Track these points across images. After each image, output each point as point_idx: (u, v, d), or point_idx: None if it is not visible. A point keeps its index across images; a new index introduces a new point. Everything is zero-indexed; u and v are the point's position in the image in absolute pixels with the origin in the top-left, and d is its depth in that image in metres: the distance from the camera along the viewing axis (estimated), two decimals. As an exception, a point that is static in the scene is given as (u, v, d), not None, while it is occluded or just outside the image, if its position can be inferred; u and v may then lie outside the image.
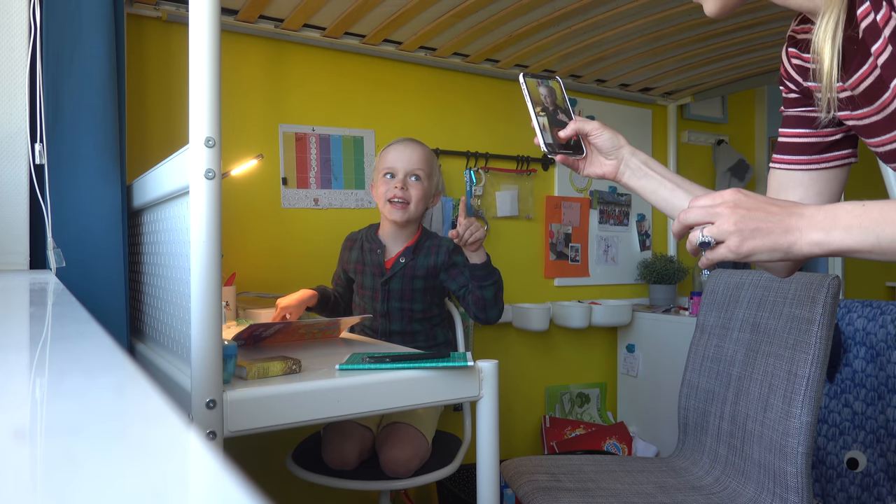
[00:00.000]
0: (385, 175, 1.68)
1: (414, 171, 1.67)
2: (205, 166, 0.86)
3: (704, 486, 1.41)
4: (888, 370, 1.81)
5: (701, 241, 0.75)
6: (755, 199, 0.74)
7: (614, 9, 1.88)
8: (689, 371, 1.60)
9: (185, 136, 0.89)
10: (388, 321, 1.69)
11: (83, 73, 1.34)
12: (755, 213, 0.72)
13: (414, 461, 1.45)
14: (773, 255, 0.72)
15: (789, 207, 0.73)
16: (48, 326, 0.58)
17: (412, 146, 1.71)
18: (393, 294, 1.69)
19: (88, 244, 1.32)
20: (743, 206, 0.73)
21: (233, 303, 1.75)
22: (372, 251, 1.73)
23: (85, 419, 0.26)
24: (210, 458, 0.21)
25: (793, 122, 0.93)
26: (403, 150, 1.69)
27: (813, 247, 0.71)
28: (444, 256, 1.68)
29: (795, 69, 0.91)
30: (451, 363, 1.05)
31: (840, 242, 0.69)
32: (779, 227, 0.71)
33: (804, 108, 0.91)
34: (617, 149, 0.99)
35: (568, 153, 0.98)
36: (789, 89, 0.93)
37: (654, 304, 2.74)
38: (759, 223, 0.72)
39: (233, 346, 0.96)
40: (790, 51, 0.92)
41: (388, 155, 1.70)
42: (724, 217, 0.73)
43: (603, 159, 1.00)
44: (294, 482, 1.56)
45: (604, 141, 0.98)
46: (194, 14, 0.86)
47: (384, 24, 1.97)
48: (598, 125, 0.99)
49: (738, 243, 0.72)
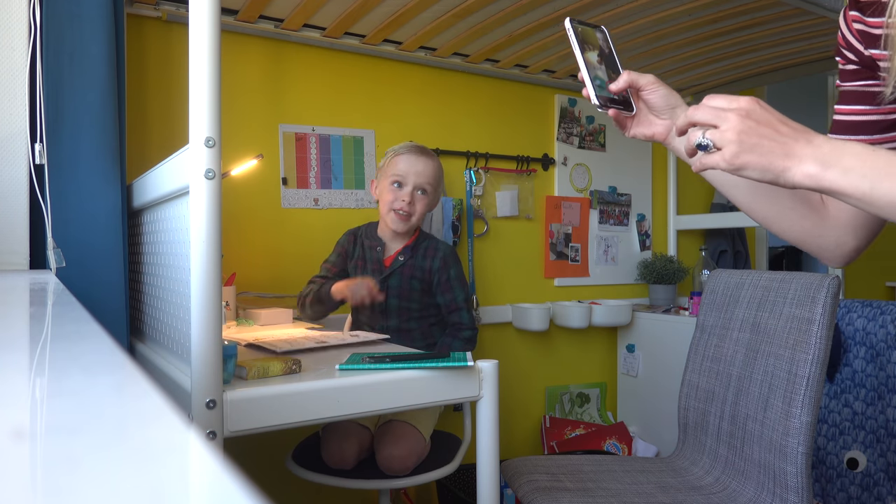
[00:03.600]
0: (393, 183, 1.68)
1: (422, 186, 1.69)
2: (205, 166, 0.86)
3: (704, 486, 1.41)
4: (888, 370, 1.81)
5: (699, 143, 0.71)
6: (769, 114, 0.69)
7: (614, 9, 1.88)
8: (689, 371, 1.60)
9: (185, 136, 0.89)
10: (385, 318, 1.71)
11: (83, 73, 1.34)
12: (763, 127, 0.69)
13: (411, 459, 1.45)
14: (764, 175, 0.69)
15: (801, 132, 0.69)
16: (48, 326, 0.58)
17: (424, 159, 1.71)
18: (392, 291, 1.71)
19: (88, 244, 1.32)
20: (753, 118, 0.69)
21: (233, 303, 1.75)
22: (372, 248, 1.76)
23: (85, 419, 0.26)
24: (210, 458, 0.21)
25: (851, 98, 0.84)
26: (416, 163, 1.69)
27: (805, 178, 0.68)
28: (439, 262, 1.72)
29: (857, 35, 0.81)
30: (451, 363, 1.05)
31: (833, 182, 0.67)
32: (781, 148, 0.68)
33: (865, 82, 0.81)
34: (672, 108, 0.88)
35: (619, 108, 0.88)
36: (847, 60, 0.83)
37: (654, 304, 2.74)
38: (763, 139, 0.68)
39: (233, 346, 0.96)
40: (852, 14, 0.82)
41: (399, 163, 1.70)
42: (729, 123, 0.69)
43: (655, 118, 0.90)
44: (294, 482, 1.56)
45: (659, 98, 0.88)
46: (194, 14, 0.86)
47: (384, 24, 1.97)
48: (654, 79, 0.88)
49: (734, 154, 0.69)
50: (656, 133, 0.90)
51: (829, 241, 0.87)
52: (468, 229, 2.38)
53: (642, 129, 0.90)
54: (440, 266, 1.71)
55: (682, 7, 1.87)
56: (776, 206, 0.87)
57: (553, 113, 2.59)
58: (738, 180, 0.86)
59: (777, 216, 0.88)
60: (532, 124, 2.55)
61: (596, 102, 0.85)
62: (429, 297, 1.74)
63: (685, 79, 2.60)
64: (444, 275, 1.72)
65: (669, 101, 0.88)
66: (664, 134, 0.89)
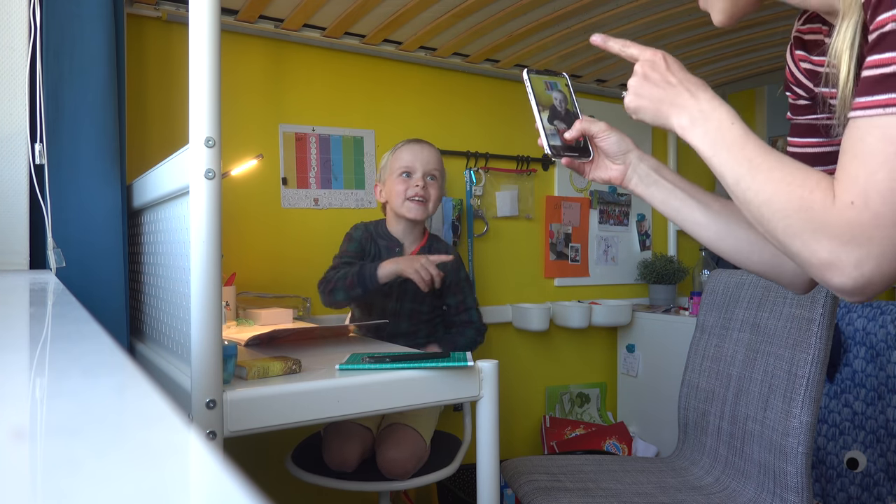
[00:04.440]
0: (402, 174, 1.68)
1: (431, 172, 1.70)
2: (205, 166, 0.86)
3: (704, 486, 1.41)
4: (888, 370, 1.81)
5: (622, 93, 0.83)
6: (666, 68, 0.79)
7: (614, 9, 1.88)
8: (689, 371, 1.60)
9: (185, 136, 0.89)
10: (396, 321, 1.69)
11: (83, 73, 1.34)
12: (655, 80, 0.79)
13: (411, 462, 1.45)
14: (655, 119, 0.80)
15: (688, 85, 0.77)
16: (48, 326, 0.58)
17: (428, 147, 1.73)
18: (407, 294, 1.69)
19: (88, 244, 1.32)
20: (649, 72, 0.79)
21: (233, 303, 1.75)
22: (390, 249, 1.72)
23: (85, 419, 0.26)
24: (210, 458, 0.21)
25: (803, 131, 0.87)
26: (421, 151, 1.70)
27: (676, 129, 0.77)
28: (450, 264, 1.70)
29: (804, 73, 0.84)
30: (451, 363, 1.05)
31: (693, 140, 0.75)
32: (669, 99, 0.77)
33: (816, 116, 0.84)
34: (624, 153, 0.93)
35: (573, 156, 0.92)
36: (798, 95, 0.86)
37: (654, 304, 2.74)
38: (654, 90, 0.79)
39: (233, 346, 0.96)
40: (798, 53, 0.86)
41: (404, 154, 1.70)
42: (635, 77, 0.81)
43: (609, 163, 0.94)
44: (294, 482, 1.56)
45: (610, 144, 0.92)
46: (194, 14, 0.86)
47: (384, 24, 1.97)
48: (606, 127, 0.93)
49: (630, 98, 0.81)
50: (612, 177, 0.94)
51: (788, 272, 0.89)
52: (468, 229, 2.38)
53: (599, 173, 0.95)
54: (451, 268, 1.71)
55: (682, 7, 1.87)
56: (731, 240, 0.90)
57: (553, 113, 2.59)
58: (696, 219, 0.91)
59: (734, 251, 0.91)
60: (532, 124, 2.53)
61: (549, 153, 0.90)
62: (437, 298, 1.74)
63: (685, 79, 2.60)
64: (454, 276, 1.72)
65: (621, 146, 0.93)
66: (619, 178, 0.94)
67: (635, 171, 0.93)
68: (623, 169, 0.93)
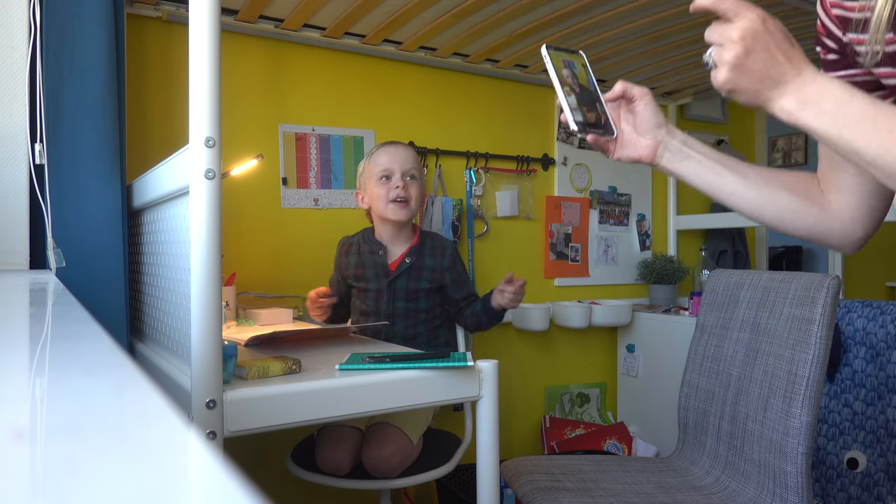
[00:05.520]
0: (381, 178, 1.68)
1: (409, 172, 1.70)
2: (205, 166, 0.86)
3: (704, 486, 1.41)
4: (888, 370, 1.81)
5: (704, 60, 0.71)
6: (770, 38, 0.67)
7: (614, 9, 1.88)
8: (689, 371, 1.60)
9: (185, 136, 0.89)
10: (392, 322, 1.69)
11: (83, 73, 1.34)
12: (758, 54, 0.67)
13: (394, 459, 1.44)
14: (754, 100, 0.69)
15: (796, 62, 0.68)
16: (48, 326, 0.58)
17: (403, 148, 1.74)
18: (398, 294, 1.69)
19: (88, 244, 1.32)
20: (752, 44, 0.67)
21: (233, 303, 1.75)
22: (373, 253, 1.73)
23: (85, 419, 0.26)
24: (210, 458, 0.21)
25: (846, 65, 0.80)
26: (397, 153, 1.71)
27: (781, 113, 0.68)
28: (448, 260, 1.71)
29: (835, 21, 0.78)
30: (451, 363, 1.05)
31: (807, 123, 0.67)
32: (772, 77, 0.67)
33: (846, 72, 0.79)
34: (657, 127, 0.84)
35: (598, 132, 0.84)
36: (828, 48, 0.81)
37: (654, 304, 2.74)
38: (757, 65, 0.67)
39: (233, 346, 0.96)
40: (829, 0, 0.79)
41: (380, 157, 1.70)
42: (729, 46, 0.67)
43: (639, 139, 0.85)
44: (293, 482, 1.56)
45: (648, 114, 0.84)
46: (194, 14, 0.86)
47: (384, 24, 1.97)
48: (647, 91, 0.84)
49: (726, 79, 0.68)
50: (643, 155, 0.85)
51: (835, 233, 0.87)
52: (468, 229, 2.38)
53: (627, 151, 0.86)
54: (450, 264, 1.72)
55: (682, 7, 1.87)
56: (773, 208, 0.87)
57: (553, 113, 2.59)
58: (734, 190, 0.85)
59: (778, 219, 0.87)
60: (532, 124, 2.55)
61: (575, 128, 0.82)
62: (436, 295, 1.73)
63: (685, 79, 2.60)
64: (454, 272, 1.73)
65: (657, 117, 0.84)
66: (650, 155, 0.85)
67: (667, 148, 0.85)
68: (654, 145, 0.84)
